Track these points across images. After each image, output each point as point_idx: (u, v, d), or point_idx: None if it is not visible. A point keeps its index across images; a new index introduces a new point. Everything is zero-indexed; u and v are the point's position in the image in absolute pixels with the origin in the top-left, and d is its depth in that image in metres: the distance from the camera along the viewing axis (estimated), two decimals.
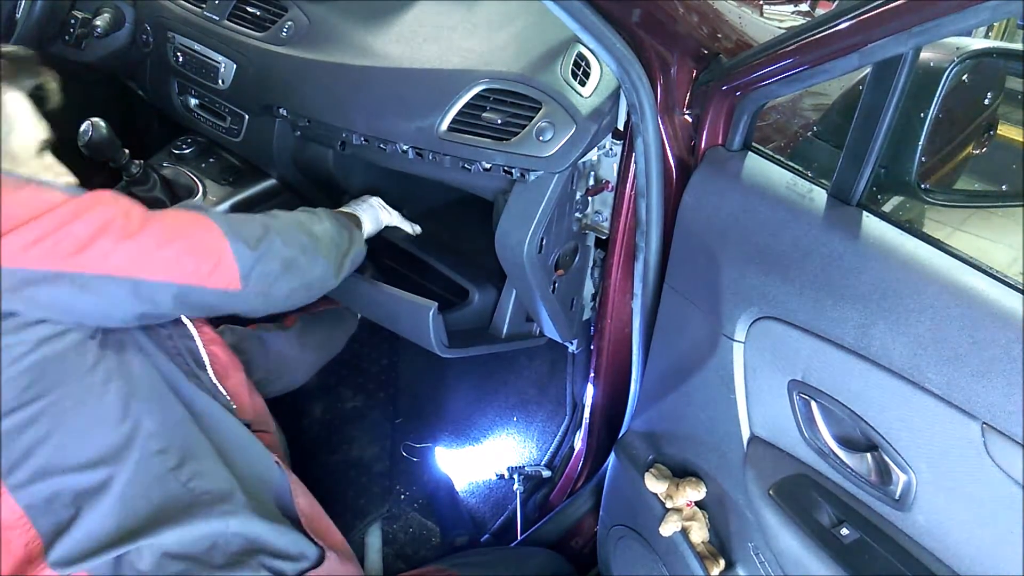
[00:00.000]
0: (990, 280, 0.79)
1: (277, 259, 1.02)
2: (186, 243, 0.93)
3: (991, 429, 0.76)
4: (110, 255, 0.86)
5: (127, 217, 0.89)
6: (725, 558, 1.19)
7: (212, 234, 0.96)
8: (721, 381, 1.09)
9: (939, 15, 0.74)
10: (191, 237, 0.94)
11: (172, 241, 0.92)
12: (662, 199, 1.15)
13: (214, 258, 0.95)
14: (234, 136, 1.54)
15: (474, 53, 1.21)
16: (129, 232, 0.88)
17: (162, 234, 0.91)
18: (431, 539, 1.84)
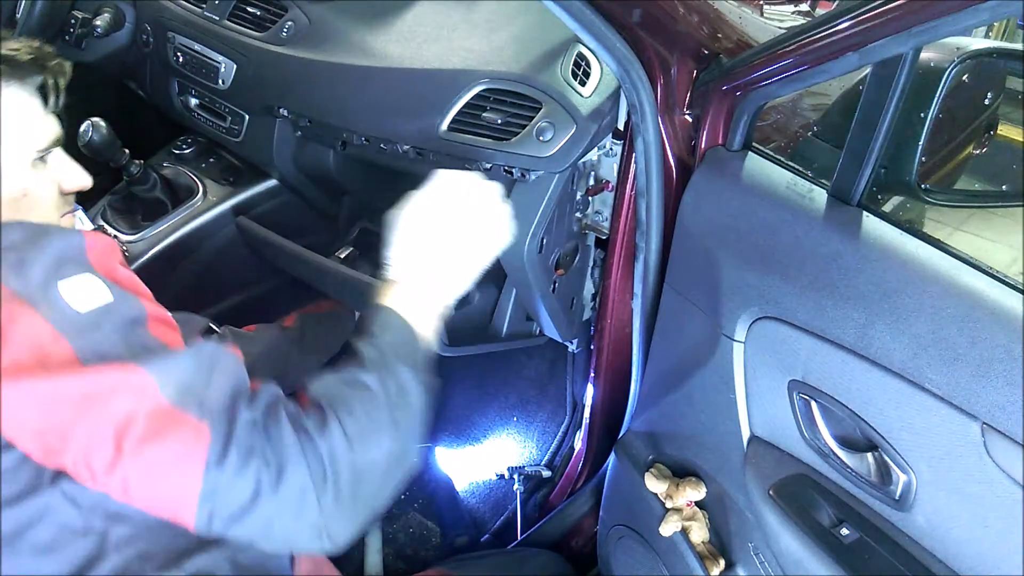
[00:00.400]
0: (990, 280, 0.79)
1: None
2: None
3: (991, 429, 0.76)
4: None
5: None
6: (725, 558, 1.19)
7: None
8: (721, 381, 1.09)
9: (939, 15, 0.74)
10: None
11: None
12: (662, 199, 1.15)
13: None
14: (234, 136, 1.54)
15: (474, 53, 1.21)
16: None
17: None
18: (431, 539, 1.84)
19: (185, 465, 0.69)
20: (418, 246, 0.93)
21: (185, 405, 0.70)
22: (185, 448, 0.69)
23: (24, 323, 0.69)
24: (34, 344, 0.69)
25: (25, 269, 0.71)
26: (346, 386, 0.79)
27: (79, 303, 0.71)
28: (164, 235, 1.49)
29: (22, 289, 0.70)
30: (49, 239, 0.74)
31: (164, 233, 1.49)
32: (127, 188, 1.54)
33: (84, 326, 0.70)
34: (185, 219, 1.51)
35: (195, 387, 0.72)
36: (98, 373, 0.69)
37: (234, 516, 0.70)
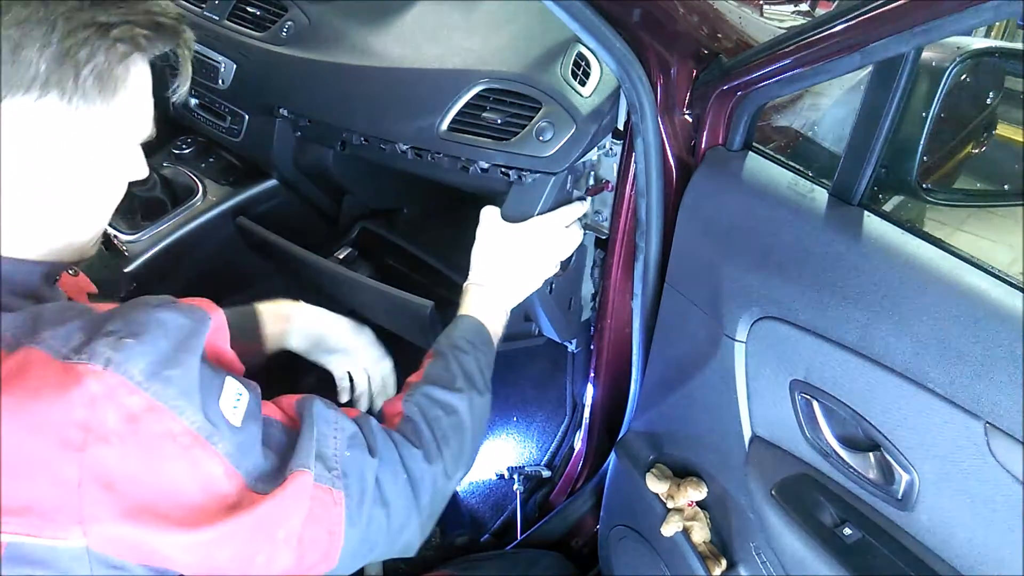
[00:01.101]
0: (992, 279, 0.79)
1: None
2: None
3: (994, 428, 0.76)
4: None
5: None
6: (727, 558, 1.19)
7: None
8: (722, 381, 1.09)
9: (941, 15, 0.74)
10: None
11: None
12: (662, 199, 1.14)
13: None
14: (234, 136, 1.54)
15: (474, 53, 1.21)
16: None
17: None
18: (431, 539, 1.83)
19: (331, 535, 0.72)
20: (499, 256, 1.08)
21: (323, 479, 0.71)
22: (331, 520, 0.71)
23: (205, 467, 0.62)
24: (213, 488, 0.63)
25: (194, 395, 0.62)
26: (443, 411, 0.86)
27: (235, 416, 0.66)
28: (164, 235, 1.49)
29: (200, 425, 0.62)
30: (194, 339, 0.65)
31: (164, 233, 1.49)
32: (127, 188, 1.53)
33: (245, 445, 0.66)
34: (185, 219, 1.51)
35: (324, 455, 0.72)
36: (273, 498, 0.66)
37: (360, 558, 0.76)
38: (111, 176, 0.74)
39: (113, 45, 0.65)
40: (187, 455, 0.62)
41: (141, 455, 0.60)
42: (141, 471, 0.60)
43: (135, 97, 0.71)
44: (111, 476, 0.58)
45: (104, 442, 0.58)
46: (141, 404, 0.60)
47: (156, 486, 0.61)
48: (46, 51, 0.62)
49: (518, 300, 1.10)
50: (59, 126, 0.66)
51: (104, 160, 0.71)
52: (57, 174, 0.68)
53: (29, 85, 0.62)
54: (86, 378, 0.58)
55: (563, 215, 1.14)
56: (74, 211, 0.72)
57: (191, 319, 0.66)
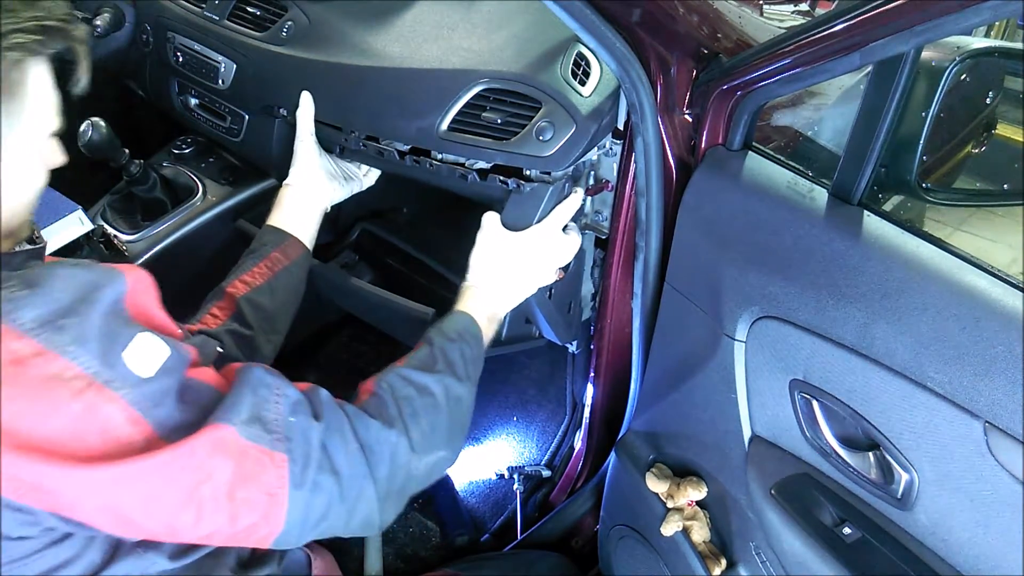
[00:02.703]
0: (992, 279, 0.79)
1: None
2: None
3: (993, 428, 0.76)
4: None
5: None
6: (727, 558, 1.19)
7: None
8: (722, 380, 1.09)
9: (940, 14, 0.74)
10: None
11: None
12: (662, 199, 1.15)
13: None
14: (234, 136, 1.54)
15: (474, 53, 1.21)
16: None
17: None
18: (431, 539, 1.83)
19: (271, 497, 0.71)
20: (497, 261, 1.12)
21: (260, 439, 0.71)
22: (270, 481, 0.71)
23: (104, 411, 0.64)
24: (113, 433, 0.64)
25: (90, 343, 0.64)
26: (416, 391, 0.87)
27: (144, 368, 0.67)
28: (164, 235, 1.49)
29: (96, 370, 0.63)
30: (99, 292, 0.67)
31: (164, 233, 1.49)
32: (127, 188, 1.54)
33: (156, 396, 0.67)
34: (185, 219, 1.51)
35: (263, 417, 0.73)
36: (181, 446, 0.66)
37: (310, 527, 0.75)
38: (25, 168, 0.76)
39: (6, 53, 0.68)
40: (80, 398, 0.63)
41: (29, 396, 0.61)
42: (30, 411, 0.61)
43: (36, 96, 0.73)
44: (6, 413, 0.60)
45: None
46: (28, 349, 0.61)
47: (48, 425, 0.62)
48: None
49: (513, 305, 1.14)
50: None
51: (15, 155, 0.73)
52: None
53: None
54: None
55: (562, 215, 1.15)
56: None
57: (97, 276, 0.68)
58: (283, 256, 1.17)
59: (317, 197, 1.27)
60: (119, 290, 0.69)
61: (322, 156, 1.30)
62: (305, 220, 1.23)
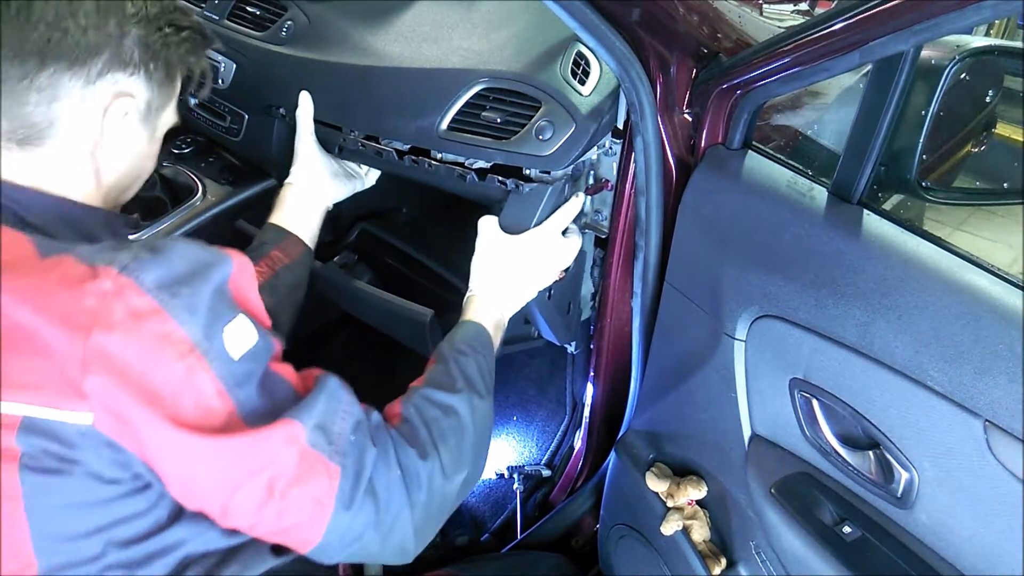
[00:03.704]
0: (991, 278, 0.79)
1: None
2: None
3: (993, 426, 0.76)
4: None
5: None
6: (727, 557, 1.19)
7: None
8: (722, 380, 1.09)
9: (940, 13, 0.74)
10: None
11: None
12: (662, 198, 1.15)
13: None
14: (234, 136, 1.54)
15: (474, 52, 1.21)
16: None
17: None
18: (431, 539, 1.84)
19: (318, 505, 0.74)
20: (498, 267, 1.13)
21: (321, 448, 0.74)
22: (320, 490, 0.73)
23: (199, 379, 0.68)
24: (203, 401, 0.69)
25: (198, 313, 0.69)
26: (442, 412, 0.88)
27: (235, 349, 0.71)
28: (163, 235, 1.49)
29: (198, 339, 0.68)
30: (211, 271, 0.72)
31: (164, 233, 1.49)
32: None
33: (240, 377, 0.71)
34: (185, 219, 1.51)
35: (328, 428, 0.75)
36: (259, 432, 0.70)
37: (346, 545, 0.77)
38: (152, 152, 0.91)
39: (181, 44, 0.84)
40: (184, 361, 0.67)
41: (141, 347, 0.66)
42: (140, 360, 0.66)
43: (177, 89, 0.90)
44: (113, 359, 0.65)
45: (108, 329, 0.65)
46: (146, 306, 0.66)
47: (153, 377, 0.66)
48: (141, 41, 0.80)
49: (517, 308, 1.15)
50: (137, 102, 0.82)
51: (154, 137, 0.89)
52: (124, 141, 0.84)
53: (126, 65, 0.79)
54: (101, 277, 0.66)
55: (561, 218, 1.16)
56: (124, 176, 0.87)
57: (210, 255, 0.74)
58: (283, 255, 1.17)
59: (318, 196, 1.27)
60: (226, 271, 0.74)
61: (323, 155, 1.30)
62: (306, 219, 1.23)
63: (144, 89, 0.83)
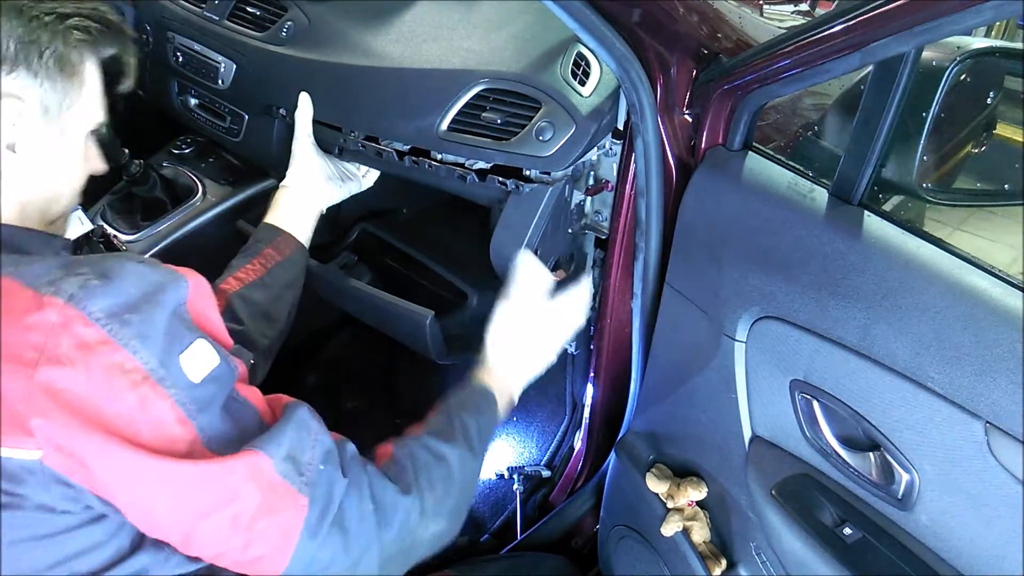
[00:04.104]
0: (992, 279, 0.79)
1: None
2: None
3: (994, 428, 0.76)
4: None
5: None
6: (727, 558, 1.19)
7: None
8: (722, 381, 1.09)
9: (941, 14, 0.74)
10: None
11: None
12: (662, 199, 1.14)
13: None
14: (234, 136, 1.54)
15: (474, 53, 1.21)
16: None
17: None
18: None
19: (284, 535, 0.72)
20: (514, 343, 1.10)
21: (290, 478, 0.72)
22: (288, 521, 0.72)
23: (156, 407, 0.66)
24: (162, 430, 0.67)
25: (151, 339, 0.67)
26: (434, 459, 0.87)
27: (195, 373, 0.69)
28: (164, 235, 1.49)
29: (153, 367, 0.66)
30: (164, 294, 0.69)
31: (164, 233, 1.49)
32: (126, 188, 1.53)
33: (202, 402, 0.69)
34: (185, 219, 1.51)
35: (297, 458, 0.74)
36: (224, 463, 0.69)
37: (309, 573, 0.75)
38: (72, 158, 0.83)
39: (70, 32, 0.76)
40: (137, 391, 0.65)
41: (90, 380, 0.64)
42: (90, 394, 0.64)
43: (88, 85, 0.81)
44: (61, 394, 0.63)
45: (56, 363, 0.63)
46: (95, 336, 0.64)
47: (107, 409, 0.64)
48: (15, 33, 0.73)
49: (530, 380, 1.13)
50: (30, 101, 0.75)
51: (67, 140, 0.81)
52: (31, 146, 0.77)
53: (3, 61, 0.72)
54: (48, 308, 0.63)
55: (580, 298, 1.15)
56: (42, 186, 0.80)
57: (163, 277, 0.71)
58: (276, 252, 1.17)
59: (313, 199, 1.27)
60: (182, 293, 0.72)
61: (320, 157, 1.30)
62: (300, 221, 1.23)
63: (32, 87, 0.75)
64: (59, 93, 0.77)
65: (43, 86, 0.76)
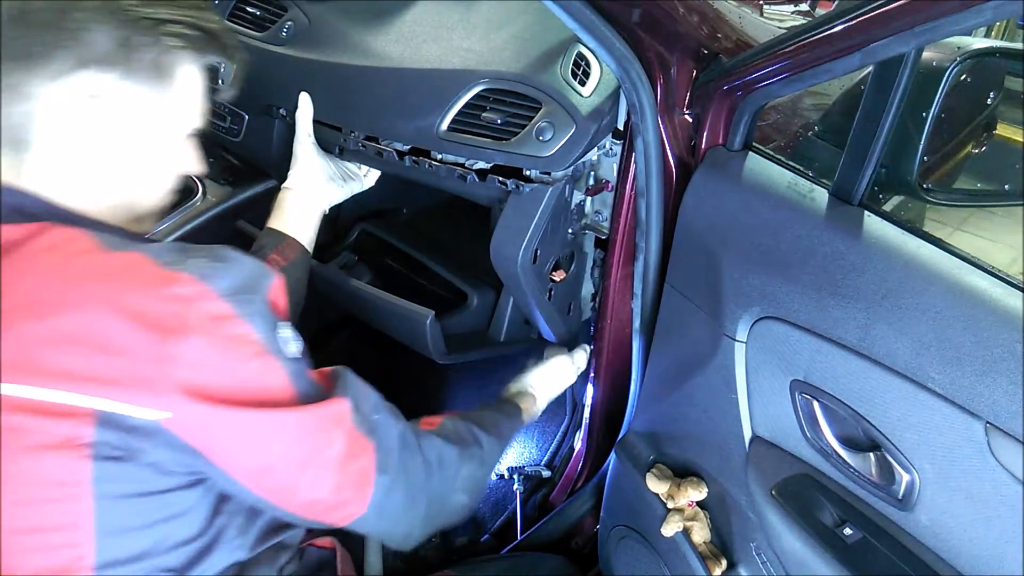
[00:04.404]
0: (992, 279, 0.79)
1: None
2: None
3: (994, 428, 0.76)
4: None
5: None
6: (727, 558, 1.19)
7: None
8: (723, 381, 1.09)
9: (941, 15, 0.74)
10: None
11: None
12: (662, 199, 1.14)
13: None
14: (234, 136, 1.54)
15: (474, 53, 1.21)
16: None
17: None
18: (431, 539, 1.83)
19: (364, 478, 0.81)
20: (549, 387, 1.31)
21: (359, 426, 0.81)
22: (365, 463, 0.81)
23: (271, 375, 0.75)
24: (276, 393, 0.75)
25: (262, 319, 0.74)
26: (472, 437, 1.00)
27: (289, 349, 0.78)
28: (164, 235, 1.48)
29: (267, 340, 0.74)
30: (264, 281, 0.77)
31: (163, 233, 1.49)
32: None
33: (297, 373, 0.77)
34: (185, 219, 1.51)
35: (360, 409, 0.83)
36: (320, 408, 0.77)
37: (380, 519, 0.85)
38: (162, 160, 0.86)
39: (166, 38, 0.78)
40: (257, 359, 0.73)
41: (220, 349, 0.70)
42: (218, 361, 0.70)
43: (185, 90, 0.83)
44: (194, 360, 0.69)
45: (192, 331, 0.69)
46: (223, 310, 0.71)
47: (230, 375, 0.71)
48: (111, 36, 0.74)
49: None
50: (120, 103, 0.77)
51: (157, 143, 0.83)
52: (118, 147, 0.79)
53: (95, 62, 0.74)
54: (180, 282, 0.70)
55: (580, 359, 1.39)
56: (128, 185, 0.83)
57: (261, 267, 0.79)
58: (280, 257, 1.18)
59: (315, 200, 1.27)
60: (272, 284, 0.79)
61: (321, 157, 1.30)
62: (303, 223, 1.24)
63: (123, 90, 0.77)
64: (150, 96, 0.79)
65: (135, 88, 0.77)
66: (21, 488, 0.68)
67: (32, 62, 0.72)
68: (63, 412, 0.66)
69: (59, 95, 0.74)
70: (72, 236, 0.72)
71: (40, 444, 0.67)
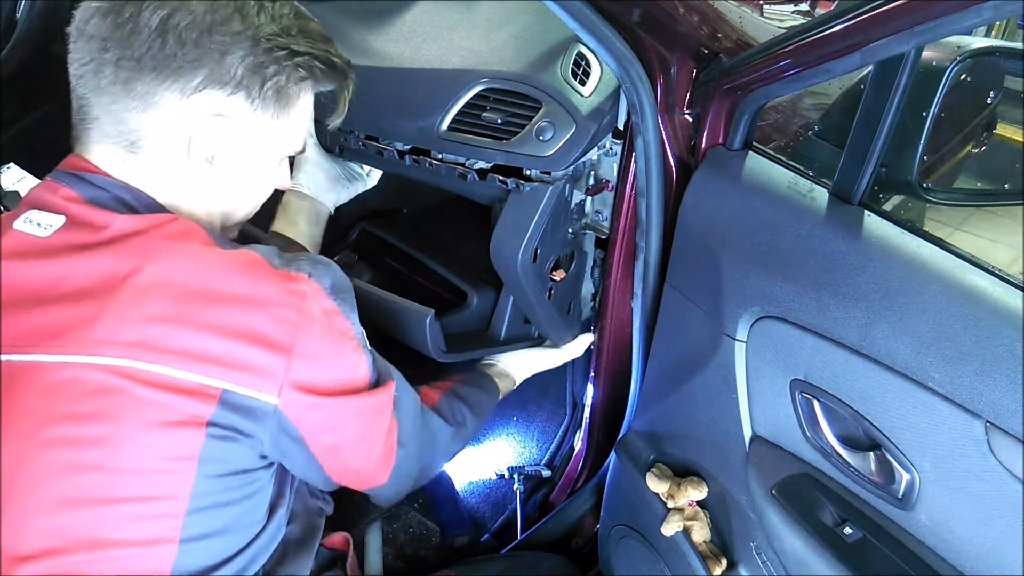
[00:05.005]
0: (993, 279, 0.79)
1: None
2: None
3: (994, 427, 0.76)
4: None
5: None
6: (727, 558, 1.19)
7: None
8: (723, 380, 1.09)
9: (941, 14, 0.74)
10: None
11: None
12: (662, 199, 1.14)
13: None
14: None
15: (474, 53, 1.21)
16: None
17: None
18: (431, 539, 1.83)
19: (390, 448, 0.91)
20: (526, 366, 1.39)
21: (393, 404, 0.91)
22: (392, 435, 0.91)
23: (363, 365, 0.85)
24: (361, 381, 0.85)
25: (355, 314, 0.84)
26: (463, 420, 1.12)
27: (365, 341, 0.86)
28: None
29: (359, 334, 0.84)
30: (348, 281, 0.85)
31: None
32: None
33: (372, 362, 0.87)
34: None
35: (397, 392, 0.92)
36: (382, 392, 0.88)
37: (395, 485, 0.97)
38: (265, 177, 0.92)
39: (295, 69, 0.82)
40: (355, 352, 0.83)
41: (330, 341, 0.79)
42: (328, 352, 0.79)
43: (299, 116, 0.88)
44: (310, 350, 0.76)
45: (311, 324, 0.76)
46: (332, 307, 0.80)
47: (335, 366, 0.81)
48: (246, 61, 0.78)
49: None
50: (240, 123, 0.82)
51: (264, 161, 0.89)
52: (229, 161, 0.84)
53: (226, 83, 0.78)
54: (299, 280, 0.77)
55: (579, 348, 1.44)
56: (230, 196, 0.88)
57: (342, 270, 0.85)
58: None
59: (322, 201, 1.27)
60: (352, 285, 0.86)
61: (325, 159, 1.30)
62: (310, 225, 1.24)
63: (246, 111, 0.81)
64: (268, 120, 0.83)
65: (256, 112, 0.82)
66: (136, 456, 0.71)
67: (166, 75, 0.75)
68: (192, 390, 0.71)
69: (185, 110, 0.77)
70: (195, 229, 0.78)
71: (164, 419, 0.70)
